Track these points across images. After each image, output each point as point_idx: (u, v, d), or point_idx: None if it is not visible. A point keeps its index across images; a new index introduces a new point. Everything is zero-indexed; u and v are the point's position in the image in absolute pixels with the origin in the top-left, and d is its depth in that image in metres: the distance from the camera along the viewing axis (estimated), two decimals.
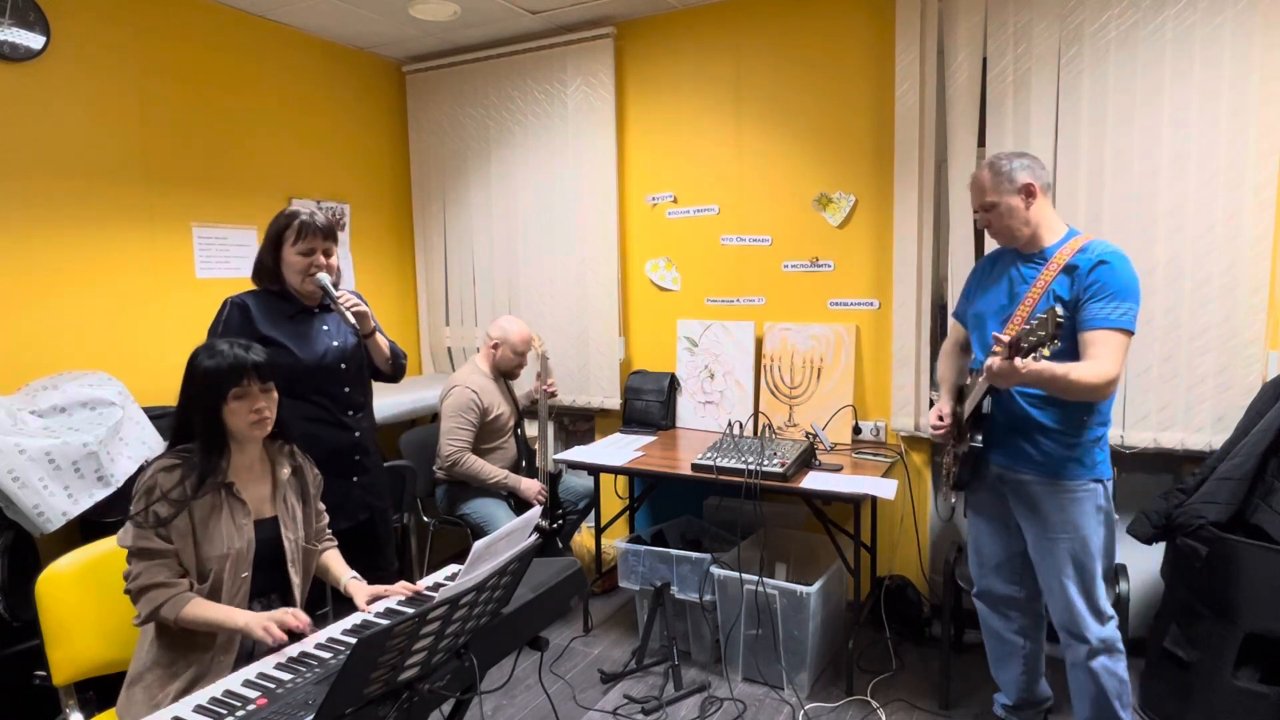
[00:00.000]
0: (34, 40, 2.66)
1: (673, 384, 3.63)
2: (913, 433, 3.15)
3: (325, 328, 2.26)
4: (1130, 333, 1.92)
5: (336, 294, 2.16)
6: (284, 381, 1.98)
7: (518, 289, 3.98)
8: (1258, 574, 2.17)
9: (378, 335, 2.32)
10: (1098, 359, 1.90)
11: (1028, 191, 2.03)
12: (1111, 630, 2.06)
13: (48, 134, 2.73)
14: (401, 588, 1.79)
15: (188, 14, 3.16)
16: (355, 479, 2.30)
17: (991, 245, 2.89)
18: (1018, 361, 1.76)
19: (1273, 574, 2.15)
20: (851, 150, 3.23)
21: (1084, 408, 1.99)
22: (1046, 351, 1.71)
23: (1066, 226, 2.09)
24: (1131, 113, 2.68)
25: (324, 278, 2.17)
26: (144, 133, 3.02)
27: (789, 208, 3.38)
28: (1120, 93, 2.69)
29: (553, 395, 3.17)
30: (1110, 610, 2.08)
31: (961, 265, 2.97)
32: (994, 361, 1.81)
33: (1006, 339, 1.78)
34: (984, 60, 2.90)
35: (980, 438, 2.12)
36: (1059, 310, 1.70)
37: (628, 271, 3.78)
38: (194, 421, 1.67)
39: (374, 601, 1.75)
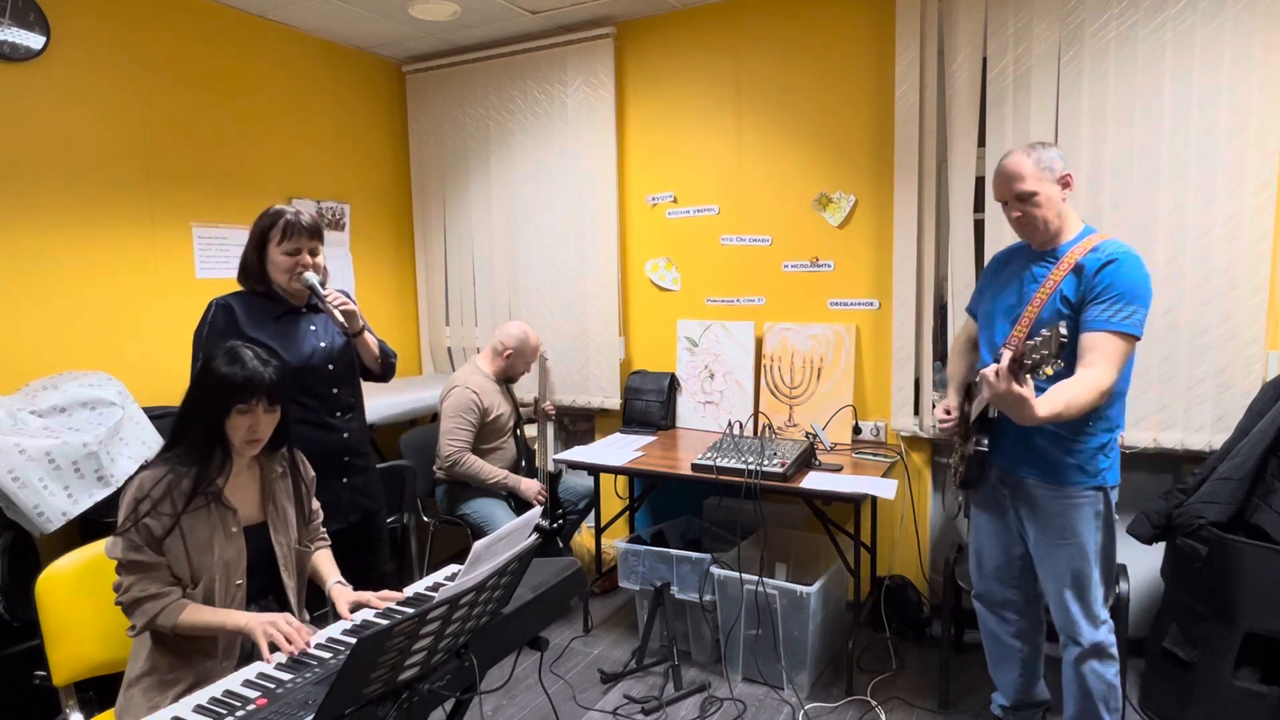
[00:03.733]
0: (34, 40, 2.66)
1: (673, 384, 3.63)
2: (913, 433, 3.15)
3: (313, 328, 2.20)
4: (1134, 337, 1.86)
5: (324, 292, 2.11)
6: None
7: (518, 289, 3.98)
8: (1258, 574, 2.17)
9: (366, 334, 2.27)
10: (1092, 366, 1.84)
11: (1065, 182, 1.96)
12: (1104, 635, 2.05)
13: (48, 134, 2.73)
14: (382, 597, 1.72)
15: (188, 14, 3.16)
16: (345, 480, 2.25)
17: (992, 244, 2.92)
18: (1015, 389, 1.68)
19: (1273, 574, 2.15)
20: (851, 150, 3.23)
21: (1086, 413, 1.95)
22: (1050, 370, 1.66)
23: (1083, 224, 2.02)
24: (1131, 113, 2.68)
25: (311, 277, 2.11)
26: (144, 133, 3.02)
27: (789, 208, 3.38)
28: (1120, 93, 2.69)
29: (550, 416, 3.21)
30: (1105, 615, 2.06)
31: (961, 265, 2.97)
32: (992, 372, 1.72)
33: (1009, 353, 1.70)
34: (984, 60, 2.90)
35: (986, 442, 2.10)
36: (1063, 330, 1.64)
37: (628, 271, 3.78)
38: (194, 426, 1.63)
39: (356, 609, 1.69)
